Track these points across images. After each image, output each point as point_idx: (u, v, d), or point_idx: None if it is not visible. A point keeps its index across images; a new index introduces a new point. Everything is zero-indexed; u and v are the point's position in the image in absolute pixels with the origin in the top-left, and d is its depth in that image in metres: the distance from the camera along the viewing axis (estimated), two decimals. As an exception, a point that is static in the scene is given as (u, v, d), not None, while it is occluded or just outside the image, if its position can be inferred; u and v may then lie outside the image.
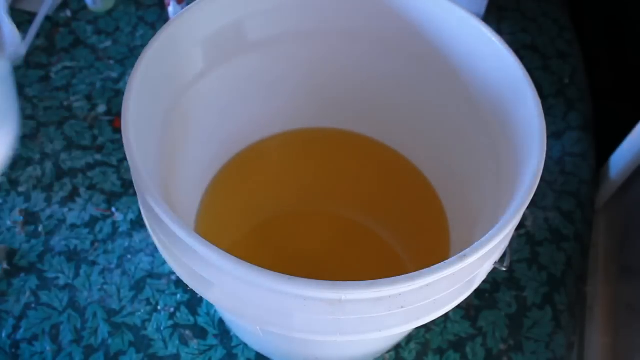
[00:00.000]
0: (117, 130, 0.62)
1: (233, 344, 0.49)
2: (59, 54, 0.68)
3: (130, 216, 0.56)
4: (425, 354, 0.50)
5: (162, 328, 0.50)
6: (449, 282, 0.32)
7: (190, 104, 0.45)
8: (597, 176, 0.64)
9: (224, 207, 0.52)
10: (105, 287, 0.52)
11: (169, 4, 0.66)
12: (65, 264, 0.53)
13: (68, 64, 0.67)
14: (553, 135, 0.64)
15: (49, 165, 0.59)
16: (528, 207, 0.34)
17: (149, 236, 0.54)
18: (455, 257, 0.31)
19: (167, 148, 0.42)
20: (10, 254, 0.53)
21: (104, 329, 0.49)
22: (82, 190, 0.57)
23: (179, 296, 0.51)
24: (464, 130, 0.47)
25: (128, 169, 0.59)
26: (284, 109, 0.54)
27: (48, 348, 0.48)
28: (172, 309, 0.51)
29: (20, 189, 0.57)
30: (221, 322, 0.50)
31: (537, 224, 0.58)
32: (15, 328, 0.49)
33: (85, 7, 0.72)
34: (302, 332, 0.32)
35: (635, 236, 0.57)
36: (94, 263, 0.53)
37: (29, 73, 0.66)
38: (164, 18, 0.71)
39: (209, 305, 0.51)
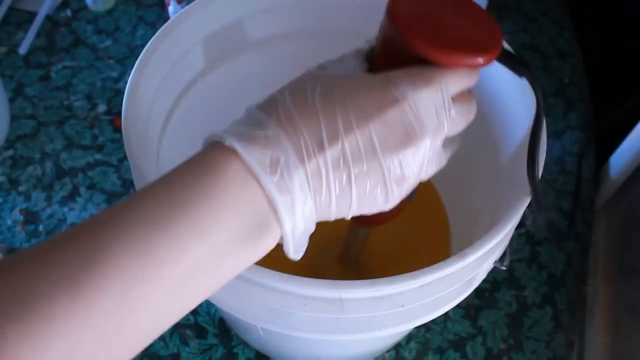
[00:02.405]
0: (118, 129, 0.62)
1: (233, 343, 0.49)
2: (59, 54, 0.68)
3: (131, 216, 0.56)
4: (425, 353, 0.50)
5: (162, 327, 0.50)
6: (449, 281, 0.32)
7: (191, 103, 0.45)
8: (597, 176, 0.64)
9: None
10: (105, 286, 0.51)
11: (169, 4, 0.66)
12: (65, 263, 0.53)
13: (68, 63, 0.67)
14: (553, 135, 0.64)
15: (49, 164, 0.59)
16: (528, 207, 0.34)
17: (149, 236, 0.54)
18: (455, 256, 0.31)
19: (168, 147, 0.42)
20: (11, 254, 0.53)
21: (104, 329, 0.49)
22: (82, 189, 0.57)
23: (179, 296, 0.51)
24: (465, 130, 0.46)
25: (128, 169, 0.59)
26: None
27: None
28: (172, 309, 0.51)
29: (21, 188, 0.57)
30: (221, 321, 0.50)
31: (537, 224, 0.58)
32: (16, 327, 0.49)
33: (85, 6, 0.72)
34: (302, 332, 0.32)
35: (635, 236, 0.57)
36: (94, 262, 0.53)
37: (29, 72, 0.66)
38: (164, 18, 0.72)
39: (210, 305, 0.51)
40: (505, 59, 0.30)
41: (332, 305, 0.30)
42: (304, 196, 0.26)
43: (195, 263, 0.24)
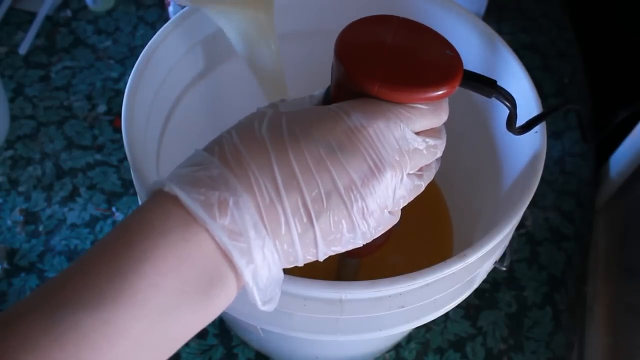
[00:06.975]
0: (118, 130, 0.62)
1: (233, 344, 0.49)
2: (59, 54, 0.68)
3: (131, 216, 0.56)
4: (425, 353, 0.50)
5: (162, 328, 0.50)
6: (449, 282, 0.32)
7: (191, 103, 0.45)
8: (597, 176, 0.64)
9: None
10: (105, 286, 0.51)
11: (169, 4, 0.66)
12: (65, 263, 0.53)
13: (68, 63, 0.67)
14: (553, 135, 0.64)
15: (49, 165, 0.59)
16: (528, 207, 0.34)
17: (149, 236, 0.54)
18: (455, 256, 0.31)
19: (168, 148, 0.42)
20: (11, 254, 0.53)
21: (104, 329, 0.49)
22: (82, 190, 0.57)
23: (179, 296, 0.51)
24: (465, 130, 0.47)
25: (128, 169, 0.59)
26: (284, 108, 0.54)
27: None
28: (172, 309, 0.51)
29: (21, 188, 0.57)
30: (221, 321, 0.50)
31: (537, 224, 0.58)
32: (16, 328, 0.49)
33: (85, 6, 0.72)
34: (302, 332, 0.32)
35: (635, 236, 0.57)
36: (94, 263, 0.53)
37: (29, 73, 0.66)
38: (164, 18, 0.71)
39: (209, 305, 0.51)
40: (470, 82, 0.28)
41: (332, 306, 0.30)
42: (261, 239, 0.23)
43: (136, 341, 0.21)
